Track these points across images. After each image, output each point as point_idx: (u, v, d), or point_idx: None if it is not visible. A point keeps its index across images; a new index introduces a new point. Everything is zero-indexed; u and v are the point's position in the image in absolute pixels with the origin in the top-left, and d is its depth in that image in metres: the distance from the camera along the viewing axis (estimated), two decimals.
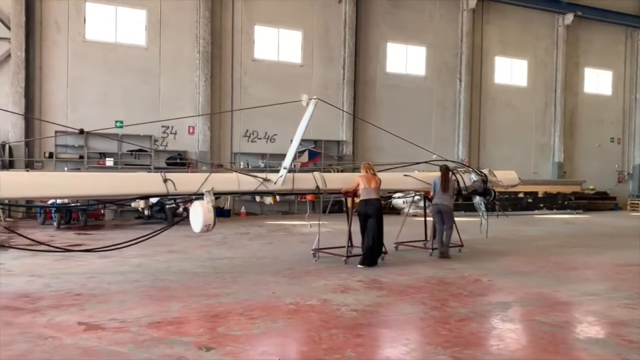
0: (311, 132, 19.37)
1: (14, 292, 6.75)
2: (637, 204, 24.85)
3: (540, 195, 21.81)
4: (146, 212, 14.52)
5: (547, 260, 10.14)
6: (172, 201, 14.62)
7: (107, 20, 17.28)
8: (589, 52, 25.86)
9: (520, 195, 21.07)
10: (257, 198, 9.29)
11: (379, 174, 9.55)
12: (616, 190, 26.17)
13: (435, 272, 8.60)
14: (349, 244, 9.42)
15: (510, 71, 24.08)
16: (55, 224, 13.73)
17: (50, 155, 16.27)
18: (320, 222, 10.34)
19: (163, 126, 17.75)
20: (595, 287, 7.92)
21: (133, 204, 8.21)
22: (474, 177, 10.77)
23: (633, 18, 26.14)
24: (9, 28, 15.86)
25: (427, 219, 11.20)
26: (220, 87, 18.69)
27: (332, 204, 19.51)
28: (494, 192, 10.87)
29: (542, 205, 21.77)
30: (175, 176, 7.85)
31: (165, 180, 7.67)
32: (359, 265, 8.83)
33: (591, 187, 24.88)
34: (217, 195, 8.15)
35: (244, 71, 19.10)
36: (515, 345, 5.27)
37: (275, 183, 8.58)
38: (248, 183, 8.44)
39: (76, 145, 16.67)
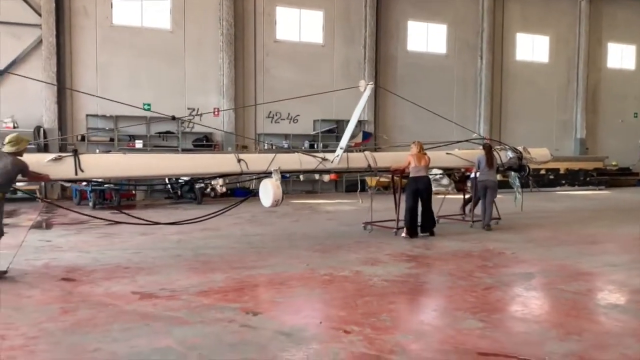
0: (333, 113, 19.74)
1: (66, 266, 7.27)
2: None
3: (561, 172, 21.85)
4: (178, 192, 15.02)
5: (569, 234, 10.41)
6: (201, 181, 15.12)
7: (133, 5, 17.64)
8: (612, 26, 25.52)
9: (542, 172, 21.13)
10: (317, 176, 10.23)
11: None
12: (639, 166, 26.02)
13: (461, 246, 8.95)
14: (398, 218, 10.02)
15: (531, 48, 23.94)
16: (90, 204, 14.32)
17: (82, 138, 16.84)
18: (360, 201, 11.61)
19: (189, 108, 18.16)
20: (616, 258, 8.20)
21: (213, 182, 8.88)
22: (510, 154, 11.40)
23: None
24: (39, 15, 16.31)
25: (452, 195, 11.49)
26: (243, 68, 19.01)
27: (353, 183, 19.93)
28: (529, 168, 11.54)
29: (563, 182, 21.83)
30: (245, 156, 8.56)
31: (239, 161, 8.35)
32: (421, 234, 9.73)
33: (614, 163, 24.78)
34: (283, 173, 8.76)
35: (267, 52, 19.37)
36: (539, 311, 5.63)
37: (332, 162, 9.18)
38: (308, 162, 9.07)
39: (107, 128, 17.19)
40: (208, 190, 16.55)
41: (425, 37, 21.83)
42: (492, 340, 4.58)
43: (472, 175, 11.49)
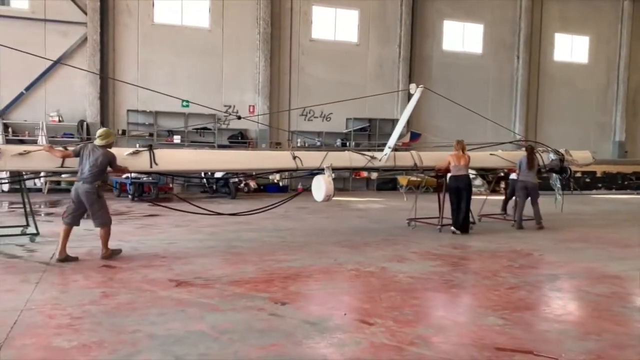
0: (366, 111, 19.90)
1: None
2: None
3: (598, 174, 21.48)
4: (213, 187, 15.48)
5: (601, 237, 10.34)
6: (236, 177, 15.55)
7: (174, 4, 18.18)
8: None
9: (578, 174, 20.80)
10: (365, 173, 10.34)
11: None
12: None
13: (488, 246, 9.03)
14: (441, 215, 10.54)
15: (570, 48, 23.56)
16: (130, 196, 14.88)
17: (123, 133, 17.46)
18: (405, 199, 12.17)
19: (225, 105, 18.61)
20: None
21: (270, 177, 9.34)
22: (552, 156, 11.57)
23: None
24: (85, 13, 16.99)
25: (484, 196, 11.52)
26: (279, 66, 19.35)
27: (384, 181, 20.07)
28: (570, 170, 11.80)
29: (600, 185, 21.46)
30: (300, 154, 9.06)
31: (294, 158, 8.84)
32: (454, 231, 10.10)
33: None
34: (334, 170, 9.12)
35: (302, 51, 19.66)
36: (561, 311, 5.71)
37: (380, 160, 9.60)
38: (358, 160, 9.56)
39: (146, 124, 17.78)
40: (242, 185, 17.04)
41: (462, 36, 21.75)
42: (510, 337, 4.71)
43: (513, 176, 11.81)
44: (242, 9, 18.80)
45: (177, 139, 17.94)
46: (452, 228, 10.18)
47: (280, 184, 18.46)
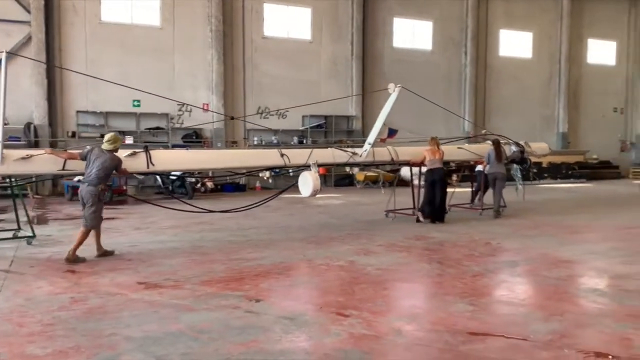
0: (322, 108, 20.00)
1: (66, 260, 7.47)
2: (639, 172, 25.43)
3: (544, 165, 22.39)
4: (169, 187, 15.25)
5: (551, 224, 10.84)
6: (193, 177, 15.37)
7: (122, 2, 17.73)
8: (592, 23, 26.14)
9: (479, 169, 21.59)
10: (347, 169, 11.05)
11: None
12: (619, 159, 26.75)
13: (449, 236, 9.32)
14: (414, 207, 11.22)
15: (515, 44, 24.44)
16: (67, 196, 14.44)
17: (73, 135, 16.93)
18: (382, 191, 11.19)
19: (178, 104, 18.31)
20: (596, 247, 8.62)
21: (260, 174, 9.80)
22: (514, 148, 12.33)
23: None
24: (29, 12, 16.35)
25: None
26: (232, 64, 19.21)
27: (341, 177, 20.28)
28: (530, 161, 12.80)
29: (546, 175, 22.38)
30: (287, 152, 9.48)
31: (282, 155, 9.25)
32: (421, 220, 10.72)
33: (595, 156, 25.47)
34: (278, 168, 9.63)
35: (255, 48, 19.58)
36: (524, 295, 6.01)
37: (360, 156, 10.15)
38: (340, 156, 10.10)
39: (97, 125, 17.30)
40: (199, 185, 16.85)
41: (412, 34, 22.18)
42: (481, 322, 4.92)
43: (480, 168, 12.51)
44: (193, 7, 18.54)
45: (129, 139, 17.51)
46: (420, 217, 10.79)
47: (240, 182, 18.37)
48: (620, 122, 27.63)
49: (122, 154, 7.81)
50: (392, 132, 19.98)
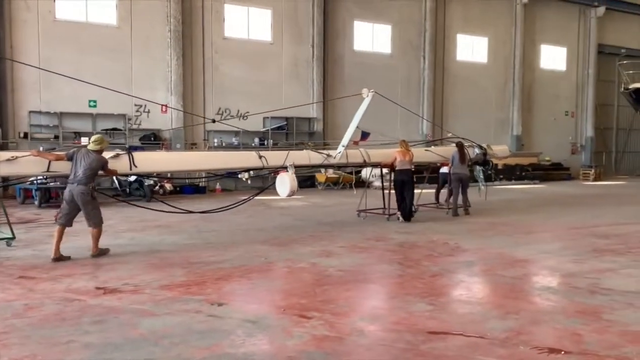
0: (283, 110, 20.00)
1: (24, 265, 7.26)
2: (588, 173, 26.47)
3: (499, 167, 23.01)
4: (126, 189, 14.96)
5: (507, 224, 11.16)
6: (151, 178, 15.10)
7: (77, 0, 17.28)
8: (545, 29, 27.05)
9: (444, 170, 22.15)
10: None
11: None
12: (570, 161, 27.76)
13: (408, 237, 9.47)
14: (388, 205, 11.68)
15: (471, 48, 25.05)
16: (36, 202, 14.02)
17: (25, 136, 16.38)
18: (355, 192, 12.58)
19: (136, 105, 18.00)
20: (549, 246, 8.93)
21: (240, 175, 10.00)
22: (477, 150, 12.99)
23: None
24: None
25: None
26: (192, 65, 18.99)
27: (302, 179, 20.30)
28: (492, 162, 13.64)
29: (501, 176, 23.00)
30: (265, 153, 9.89)
31: (260, 157, 9.63)
32: (400, 220, 11.15)
33: (547, 158, 26.35)
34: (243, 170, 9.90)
35: (215, 49, 19.41)
36: (481, 294, 6.17)
37: (335, 158, 10.54)
38: (316, 158, 10.50)
39: (51, 125, 16.79)
40: (157, 187, 16.57)
41: (371, 37, 22.43)
42: (440, 321, 5.04)
43: (444, 169, 13.11)
44: (151, 6, 18.23)
45: (84, 141, 17.05)
46: (399, 216, 11.20)
47: (200, 184, 18.19)
48: (571, 125, 28.68)
49: (106, 155, 7.97)
50: (364, 135, 20.29)
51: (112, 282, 6.34)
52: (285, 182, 9.30)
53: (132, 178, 15.32)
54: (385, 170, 12.43)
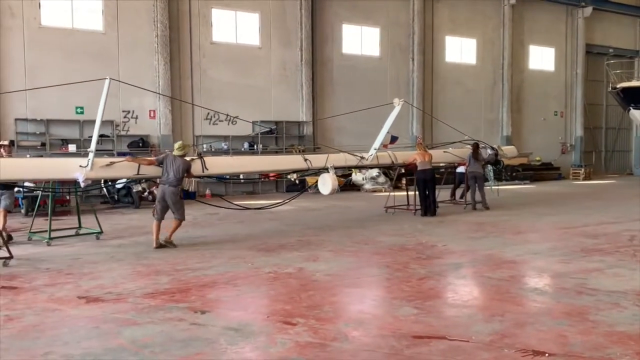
0: (272, 114, 20.01)
1: (7, 274, 7.13)
2: (578, 173, 26.58)
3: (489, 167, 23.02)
4: (115, 196, 14.84)
5: (496, 225, 11.16)
6: (139, 185, 15.00)
7: (63, 6, 17.15)
8: (533, 30, 27.15)
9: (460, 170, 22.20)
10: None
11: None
12: (560, 161, 27.86)
13: (396, 240, 9.44)
14: (409, 202, 13.06)
15: (460, 50, 25.07)
16: (23, 211, 13.87)
17: (12, 143, 16.18)
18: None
19: (124, 111, 17.89)
20: (537, 247, 8.93)
21: (289, 176, 11.93)
22: (489, 151, 14.27)
23: None
24: None
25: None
26: (180, 70, 18.87)
27: (293, 183, 20.26)
28: (502, 162, 15.24)
29: (492, 176, 22.98)
30: (310, 156, 11.04)
31: (305, 160, 10.75)
32: (422, 216, 12.27)
33: (537, 158, 26.42)
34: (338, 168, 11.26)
35: (203, 54, 19.31)
36: (467, 297, 6.14)
37: (367, 160, 11.69)
38: (351, 160, 11.59)
39: (37, 133, 16.64)
40: (146, 194, 16.45)
41: (360, 40, 22.42)
42: (425, 325, 5.00)
43: (460, 169, 14.33)
44: (137, 12, 18.11)
45: (72, 147, 16.94)
46: (422, 212, 12.30)
47: (189, 189, 18.07)
48: (561, 125, 28.79)
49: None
50: (394, 139, 20.84)
51: (94, 291, 6.25)
52: (327, 182, 10.31)
53: (120, 185, 15.24)
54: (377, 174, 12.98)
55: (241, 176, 11.53)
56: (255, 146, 19.47)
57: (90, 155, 8.45)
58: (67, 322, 5.16)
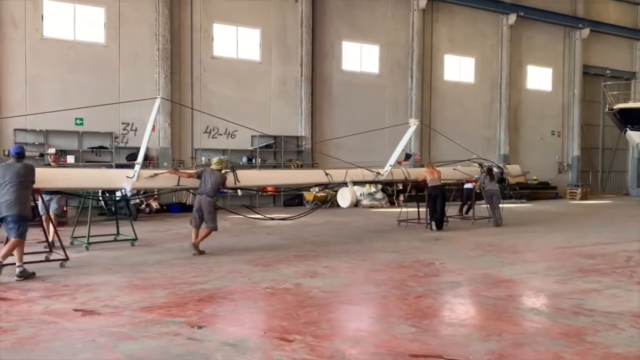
0: (271, 128, 20.06)
1: (1, 287, 7.10)
2: (575, 192, 26.65)
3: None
4: (112, 208, 14.81)
5: (493, 244, 11.16)
6: (137, 198, 15.00)
7: (66, 18, 17.27)
8: (531, 50, 27.42)
9: (467, 186, 22.22)
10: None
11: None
12: (557, 180, 27.96)
13: (394, 257, 9.44)
14: (419, 217, 13.84)
15: (458, 68, 25.28)
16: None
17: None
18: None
19: (123, 123, 17.95)
20: (534, 266, 8.93)
21: (311, 189, 12.30)
22: (495, 169, 14.96)
23: (571, 19, 27.87)
24: None
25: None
26: (180, 83, 18.98)
27: (290, 197, 20.27)
28: (507, 180, 16.06)
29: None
30: (330, 172, 11.59)
31: (326, 174, 11.42)
32: (432, 229, 12.98)
33: (534, 177, 26.50)
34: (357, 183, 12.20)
35: (204, 68, 19.44)
36: (465, 316, 6.13)
37: (383, 175, 12.33)
38: (368, 175, 12.19)
39: (36, 143, 16.66)
40: (143, 206, 16.44)
41: (359, 57, 22.60)
42: (422, 343, 4.98)
43: (468, 185, 15.25)
44: (139, 25, 18.25)
45: (70, 158, 16.95)
46: (433, 226, 13.02)
47: (186, 202, 18.06)
48: (558, 144, 28.95)
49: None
50: (408, 157, 21.70)
51: (90, 303, 6.23)
52: (345, 196, 11.11)
53: (118, 197, 15.21)
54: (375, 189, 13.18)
55: (239, 191, 11.89)
56: (253, 160, 19.51)
57: (137, 167, 9.09)
58: (63, 335, 5.13)
